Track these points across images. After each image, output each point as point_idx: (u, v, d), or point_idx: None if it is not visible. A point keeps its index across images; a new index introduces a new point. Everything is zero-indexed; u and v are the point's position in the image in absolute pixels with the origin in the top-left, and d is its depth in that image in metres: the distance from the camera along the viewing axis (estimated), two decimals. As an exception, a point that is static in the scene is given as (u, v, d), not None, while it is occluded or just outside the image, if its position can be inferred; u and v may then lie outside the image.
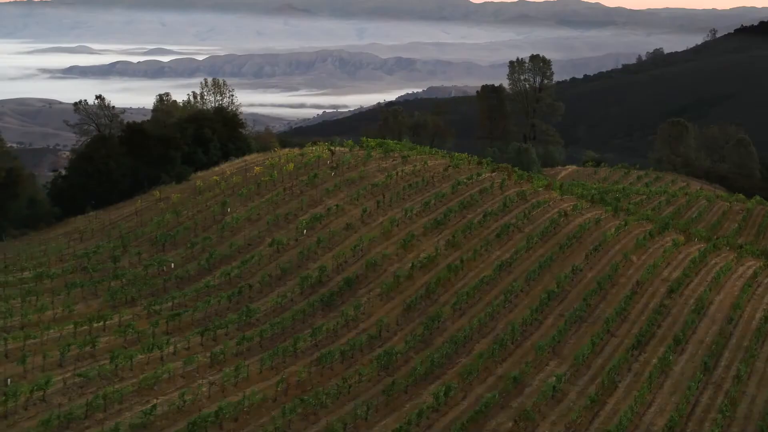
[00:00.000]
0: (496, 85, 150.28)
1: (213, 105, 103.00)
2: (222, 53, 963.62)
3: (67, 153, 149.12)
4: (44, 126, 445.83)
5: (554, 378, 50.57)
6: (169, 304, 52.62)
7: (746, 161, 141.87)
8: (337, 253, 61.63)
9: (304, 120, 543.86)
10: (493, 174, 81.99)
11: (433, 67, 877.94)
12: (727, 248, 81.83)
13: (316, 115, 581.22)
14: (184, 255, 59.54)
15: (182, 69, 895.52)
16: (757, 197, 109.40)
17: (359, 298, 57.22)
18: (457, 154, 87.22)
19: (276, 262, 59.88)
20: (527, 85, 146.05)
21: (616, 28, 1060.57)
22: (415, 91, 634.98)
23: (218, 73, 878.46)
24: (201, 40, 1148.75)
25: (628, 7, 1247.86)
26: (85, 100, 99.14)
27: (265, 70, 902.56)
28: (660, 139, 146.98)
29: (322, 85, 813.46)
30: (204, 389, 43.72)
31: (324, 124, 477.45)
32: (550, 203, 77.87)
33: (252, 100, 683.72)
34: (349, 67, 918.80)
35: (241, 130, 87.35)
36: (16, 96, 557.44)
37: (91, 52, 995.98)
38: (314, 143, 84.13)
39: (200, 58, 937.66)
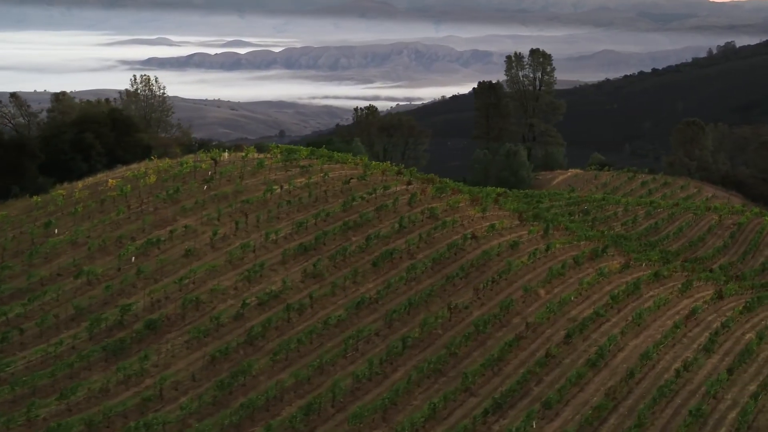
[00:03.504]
0: (495, 80, 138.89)
1: (143, 103, 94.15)
2: (298, 45, 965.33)
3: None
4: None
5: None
6: None
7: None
8: (159, 287, 51.78)
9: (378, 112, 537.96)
10: (409, 186, 71.27)
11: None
12: (684, 273, 70.05)
13: (389, 108, 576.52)
14: (-31, 290, 50.27)
15: (258, 61, 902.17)
16: (755, 209, 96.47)
17: (162, 346, 47.43)
18: (374, 162, 76.68)
19: (79, 298, 50.21)
20: (526, 82, 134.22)
21: (698, 20, 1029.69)
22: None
23: (294, 65, 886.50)
24: (279, 32, 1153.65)
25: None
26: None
27: (341, 63, 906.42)
28: (674, 141, 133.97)
29: (397, 77, 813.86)
30: None
31: (386, 117, 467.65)
32: (464, 223, 66.89)
33: (327, 92, 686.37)
34: (424, 60, 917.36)
35: (138, 134, 77.95)
36: (95, 87, 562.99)
37: (170, 44, 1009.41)
38: (206, 150, 74.47)
39: (277, 50, 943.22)
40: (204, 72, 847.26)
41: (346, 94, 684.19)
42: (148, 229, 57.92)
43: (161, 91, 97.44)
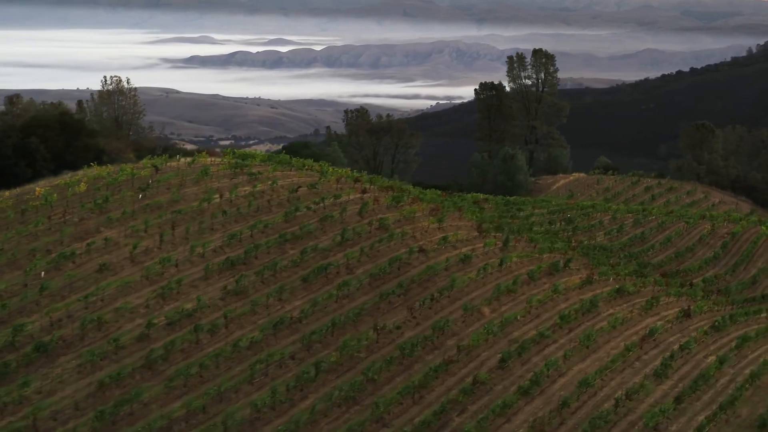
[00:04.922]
0: (501, 81, 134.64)
1: (115, 107, 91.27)
2: (340, 44, 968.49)
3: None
4: (161, 115, 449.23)
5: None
6: None
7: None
8: (62, 305, 48.48)
9: (417, 111, 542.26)
10: (364, 195, 67.48)
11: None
12: (657, 288, 65.58)
13: (429, 107, 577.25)
14: None
15: (299, 59, 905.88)
16: (753, 217, 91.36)
17: (51, 370, 44.11)
18: (332, 169, 72.90)
19: (-28, 318, 47.06)
20: (529, 83, 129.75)
21: (743, 19, 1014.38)
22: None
23: (335, 63, 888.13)
24: (321, 30, 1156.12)
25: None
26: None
27: (382, 61, 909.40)
28: (683, 144, 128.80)
29: (438, 76, 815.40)
30: None
31: (424, 116, 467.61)
32: (415, 234, 62.90)
33: (367, 91, 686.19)
34: (465, 59, 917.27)
35: (90, 138, 74.90)
36: (137, 85, 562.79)
37: (212, 42, 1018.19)
38: (171, 154, 71.30)
39: (318, 48, 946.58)
40: (245, 70, 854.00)
41: (387, 93, 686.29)
42: (66, 241, 54.71)
43: (133, 94, 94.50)
